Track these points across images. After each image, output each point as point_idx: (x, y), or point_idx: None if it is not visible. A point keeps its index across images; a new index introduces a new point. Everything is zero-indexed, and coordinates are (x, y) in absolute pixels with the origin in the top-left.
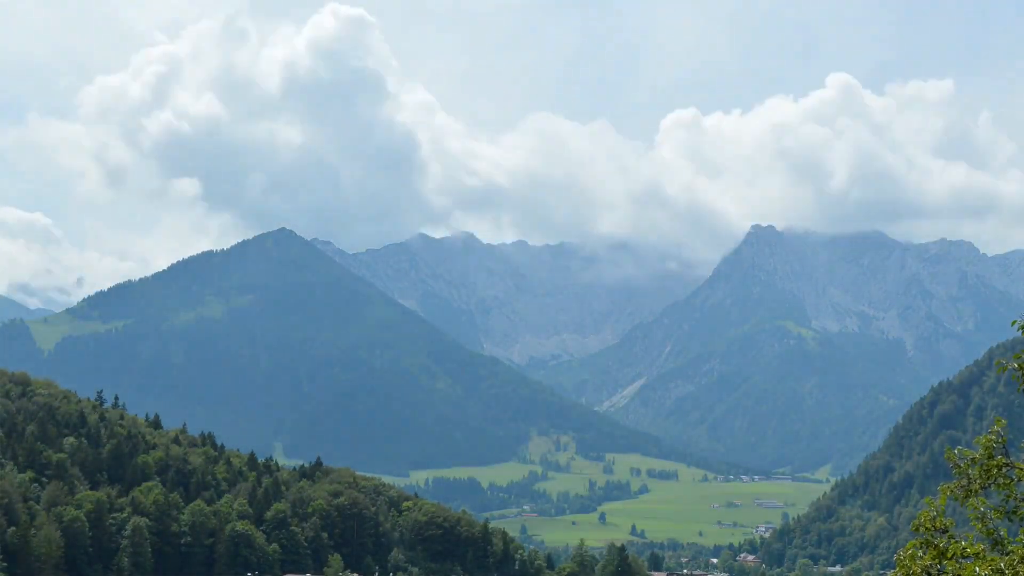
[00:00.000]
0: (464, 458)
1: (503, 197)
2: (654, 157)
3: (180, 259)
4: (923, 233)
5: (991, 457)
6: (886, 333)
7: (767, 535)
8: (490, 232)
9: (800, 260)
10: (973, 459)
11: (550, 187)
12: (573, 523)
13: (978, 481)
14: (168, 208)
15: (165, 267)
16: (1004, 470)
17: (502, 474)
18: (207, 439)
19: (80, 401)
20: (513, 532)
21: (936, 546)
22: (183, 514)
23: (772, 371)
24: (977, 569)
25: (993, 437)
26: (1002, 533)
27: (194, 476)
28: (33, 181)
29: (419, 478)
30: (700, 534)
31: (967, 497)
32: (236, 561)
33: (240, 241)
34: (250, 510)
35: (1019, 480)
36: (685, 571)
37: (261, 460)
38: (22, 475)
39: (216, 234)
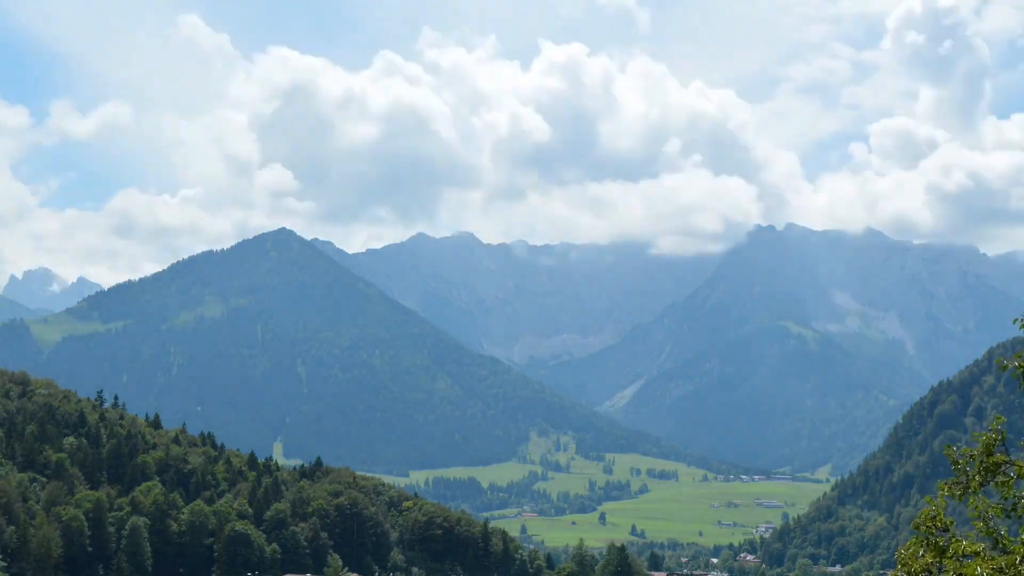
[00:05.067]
0: (464, 458)
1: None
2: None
3: (180, 259)
4: (924, 233)
5: (990, 454)
6: (886, 333)
7: (767, 535)
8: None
9: (800, 260)
10: (971, 456)
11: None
12: (573, 523)
13: (977, 479)
14: None
15: (165, 267)
16: (1003, 467)
17: (502, 474)
18: (207, 439)
19: (80, 401)
20: (513, 532)
21: (936, 544)
22: (183, 514)
23: (772, 371)
24: (978, 568)
25: (993, 435)
26: (1002, 532)
27: (194, 476)
28: None
29: (419, 478)
30: (700, 534)
31: (964, 494)
32: (236, 561)
33: (240, 241)
34: (250, 510)
35: (1018, 478)
36: (685, 571)
37: (261, 460)
38: (22, 475)
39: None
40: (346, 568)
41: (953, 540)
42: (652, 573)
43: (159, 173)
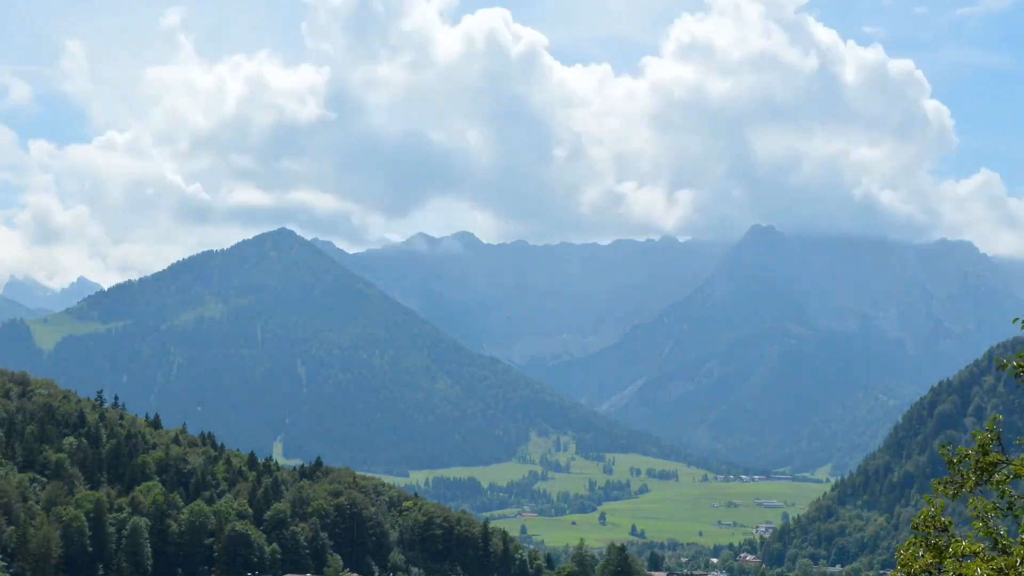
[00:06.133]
0: (464, 458)
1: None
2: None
3: (180, 259)
4: (923, 233)
5: (986, 454)
6: (886, 333)
7: (767, 535)
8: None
9: (800, 260)
10: (967, 455)
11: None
12: (573, 523)
13: (972, 478)
14: None
15: (165, 267)
16: (999, 467)
17: (502, 474)
18: (207, 439)
19: (80, 401)
20: (513, 532)
21: (936, 545)
22: (182, 514)
23: (772, 371)
24: (978, 569)
25: (988, 434)
26: (1002, 532)
27: (194, 476)
28: None
29: (419, 478)
30: (700, 534)
31: (958, 493)
32: (236, 561)
33: (240, 241)
34: (250, 510)
35: (1014, 476)
36: (685, 571)
37: (261, 460)
38: (22, 475)
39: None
40: (346, 568)
41: (952, 540)
42: (652, 573)
43: None
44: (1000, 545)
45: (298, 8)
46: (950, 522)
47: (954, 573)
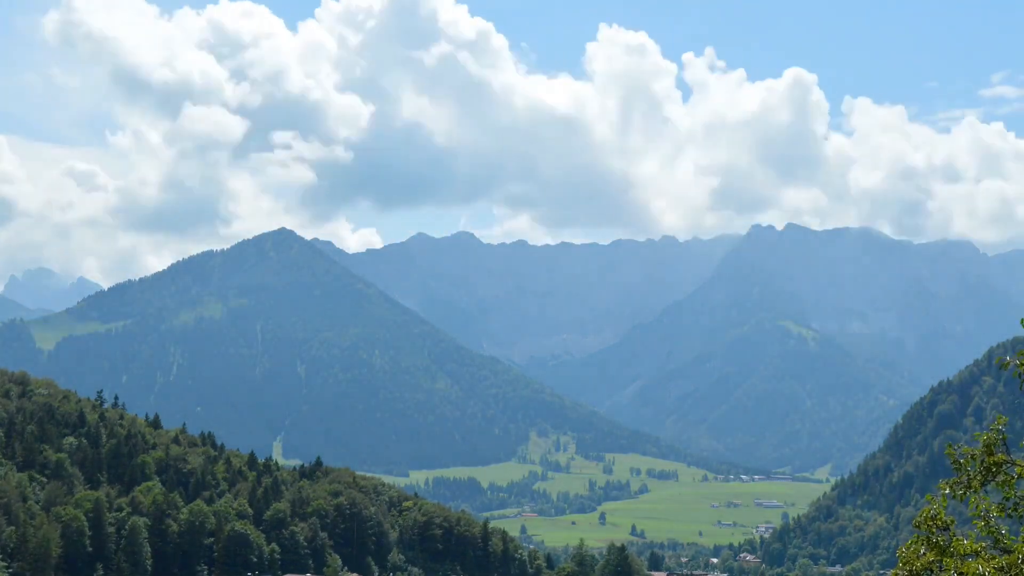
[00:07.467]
0: (464, 458)
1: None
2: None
3: (180, 259)
4: (923, 233)
5: (991, 454)
6: (886, 333)
7: (767, 535)
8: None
9: (800, 260)
10: (972, 455)
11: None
12: (573, 523)
13: (978, 478)
14: None
15: (165, 267)
16: (1004, 467)
17: (502, 474)
18: (207, 439)
19: (80, 401)
20: (513, 532)
21: (937, 543)
22: (182, 514)
23: (772, 371)
24: (980, 567)
25: (994, 434)
26: (1003, 531)
27: (194, 476)
28: None
29: (419, 478)
30: (700, 534)
31: (965, 493)
32: (236, 561)
33: (240, 241)
34: (249, 510)
35: (1019, 477)
36: (685, 571)
37: (261, 460)
38: (21, 475)
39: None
40: (346, 568)
41: (954, 539)
42: (652, 573)
43: None
44: (1001, 544)
45: None
46: (952, 521)
47: (955, 571)
